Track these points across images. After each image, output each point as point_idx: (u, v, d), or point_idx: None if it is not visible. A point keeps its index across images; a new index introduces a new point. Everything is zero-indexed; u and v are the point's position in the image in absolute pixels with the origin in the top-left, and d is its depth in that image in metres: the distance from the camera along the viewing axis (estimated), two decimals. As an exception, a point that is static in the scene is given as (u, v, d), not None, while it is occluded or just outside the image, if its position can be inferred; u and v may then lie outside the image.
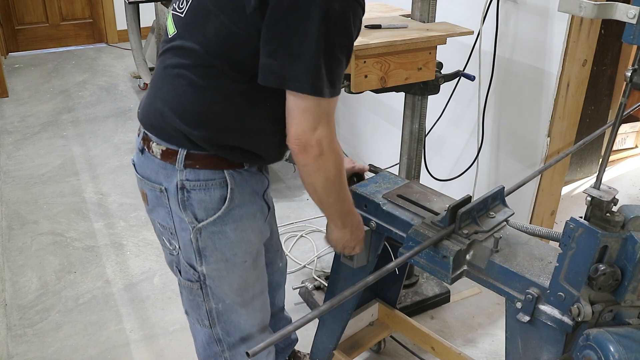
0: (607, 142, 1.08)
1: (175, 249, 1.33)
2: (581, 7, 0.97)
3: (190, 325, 1.47)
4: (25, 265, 2.56)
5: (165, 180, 1.24)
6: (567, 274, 1.09)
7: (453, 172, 2.56)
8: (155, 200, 1.29)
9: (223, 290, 1.34)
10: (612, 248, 1.04)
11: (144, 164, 1.29)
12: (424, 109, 2.08)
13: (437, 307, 2.34)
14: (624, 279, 1.04)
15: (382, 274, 1.14)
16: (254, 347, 1.26)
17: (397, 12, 2.17)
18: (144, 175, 1.30)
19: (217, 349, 1.43)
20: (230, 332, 1.40)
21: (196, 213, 1.24)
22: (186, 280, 1.36)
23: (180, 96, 1.20)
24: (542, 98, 2.14)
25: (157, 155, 1.24)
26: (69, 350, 2.12)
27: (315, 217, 2.90)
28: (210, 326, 1.39)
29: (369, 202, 1.50)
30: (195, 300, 1.37)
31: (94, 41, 5.55)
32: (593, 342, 1.01)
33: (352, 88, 1.83)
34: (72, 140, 3.72)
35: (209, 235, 1.26)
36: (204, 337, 1.43)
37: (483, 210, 1.35)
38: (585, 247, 1.05)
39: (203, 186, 1.22)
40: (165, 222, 1.30)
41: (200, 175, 1.22)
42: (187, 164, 1.21)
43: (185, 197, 1.23)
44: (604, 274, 1.03)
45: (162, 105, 1.23)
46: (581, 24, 1.99)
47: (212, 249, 1.28)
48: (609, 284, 1.04)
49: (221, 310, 1.36)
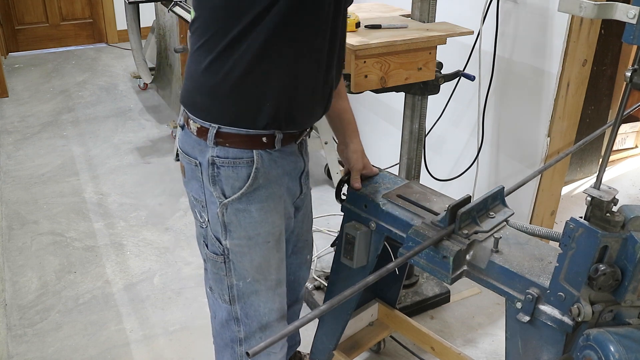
0: (607, 142, 1.07)
1: (205, 221, 1.38)
2: (581, 7, 0.96)
3: (212, 303, 1.50)
4: (25, 265, 2.56)
5: (199, 155, 1.31)
6: (567, 274, 1.09)
7: (453, 172, 2.56)
8: (190, 173, 1.35)
9: (244, 267, 1.38)
10: (612, 248, 1.03)
11: (184, 139, 1.36)
12: (424, 109, 2.08)
13: (437, 307, 2.34)
14: (624, 279, 1.03)
15: (382, 274, 1.14)
16: (270, 336, 1.30)
17: (397, 12, 2.17)
18: (184, 149, 1.36)
19: (234, 328, 1.46)
20: (250, 314, 1.43)
21: (224, 189, 1.30)
22: (212, 252, 1.40)
23: (200, 72, 1.26)
24: (542, 98, 2.14)
25: (194, 131, 1.31)
26: (69, 350, 2.12)
27: (315, 217, 2.89)
28: (230, 302, 1.43)
29: (369, 202, 1.50)
30: (219, 274, 1.41)
31: (94, 41, 5.55)
32: (593, 342, 1.01)
33: (352, 88, 1.83)
34: (72, 140, 3.72)
35: (234, 212, 1.32)
36: (224, 315, 1.46)
37: (483, 210, 1.35)
38: (585, 247, 1.05)
39: (231, 164, 1.28)
40: (197, 195, 1.36)
41: (230, 153, 1.27)
42: (218, 141, 1.27)
43: (215, 173, 1.29)
44: (604, 274, 1.03)
45: (190, 83, 1.31)
46: (581, 24, 1.99)
47: (237, 225, 1.33)
48: (609, 284, 1.04)
49: (242, 289, 1.40)
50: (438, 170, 2.53)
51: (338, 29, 1.31)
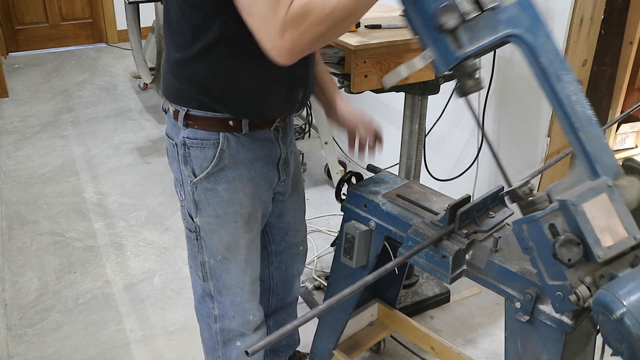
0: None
1: (183, 200, 1.44)
2: (399, 74, 1.15)
3: (192, 280, 1.57)
4: (25, 265, 2.56)
5: (175, 136, 1.37)
6: (548, 272, 1.09)
7: (453, 172, 2.56)
8: (171, 153, 1.42)
9: (214, 245, 1.43)
10: (557, 223, 1.03)
11: (167, 122, 1.42)
12: (424, 109, 2.08)
13: (437, 307, 2.34)
14: (584, 239, 1.02)
15: (381, 273, 1.14)
16: (243, 315, 1.42)
17: (397, 12, 2.17)
18: (166, 132, 1.42)
19: (209, 305, 1.52)
20: (222, 292, 1.49)
21: (194, 168, 1.35)
22: (187, 229, 1.47)
23: (173, 62, 1.30)
24: (542, 98, 2.14)
25: (171, 114, 1.37)
26: (69, 350, 2.12)
27: (315, 217, 2.90)
28: (203, 279, 1.49)
29: (368, 202, 1.50)
30: (193, 251, 1.48)
31: (94, 41, 5.56)
32: (594, 307, 1.00)
33: (352, 88, 1.83)
34: (72, 140, 3.72)
35: (203, 190, 1.37)
36: (200, 291, 1.53)
37: (483, 210, 1.35)
38: (539, 238, 1.05)
39: (199, 144, 1.33)
40: (177, 174, 1.42)
41: (198, 134, 1.32)
42: (188, 123, 1.32)
43: (187, 153, 1.35)
44: (560, 244, 1.02)
45: (164, 68, 1.36)
46: (581, 23, 1.99)
47: (205, 204, 1.38)
48: (576, 252, 1.02)
49: (213, 266, 1.45)
50: (438, 170, 2.53)
51: None
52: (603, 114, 3.19)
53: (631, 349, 0.95)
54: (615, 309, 0.95)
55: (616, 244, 1.02)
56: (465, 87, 1.18)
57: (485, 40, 1.06)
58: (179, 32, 1.25)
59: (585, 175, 1.07)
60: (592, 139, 1.06)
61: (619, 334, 0.95)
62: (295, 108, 1.41)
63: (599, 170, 1.06)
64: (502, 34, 1.06)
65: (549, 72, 1.06)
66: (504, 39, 1.06)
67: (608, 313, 0.96)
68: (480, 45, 1.06)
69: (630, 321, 0.94)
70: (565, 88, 1.06)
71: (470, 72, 1.15)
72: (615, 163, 1.09)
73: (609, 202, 1.03)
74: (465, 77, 1.16)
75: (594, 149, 1.06)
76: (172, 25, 1.27)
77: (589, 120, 1.06)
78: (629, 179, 1.10)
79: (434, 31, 1.09)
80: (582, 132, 1.06)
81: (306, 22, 1.03)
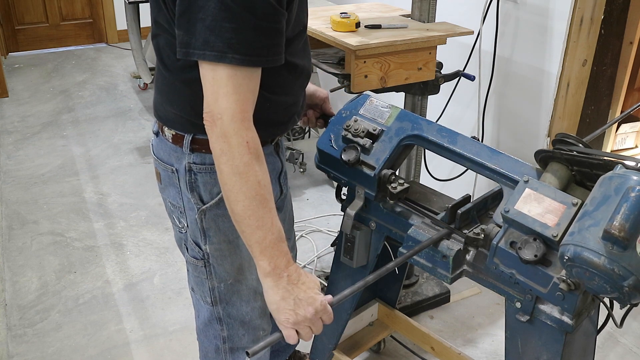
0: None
1: (184, 227, 1.38)
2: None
3: (195, 302, 1.51)
4: (25, 265, 2.56)
5: (176, 161, 1.30)
6: (537, 282, 1.13)
7: (453, 172, 2.55)
8: (167, 180, 1.35)
9: (225, 270, 1.38)
10: (514, 237, 1.14)
11: (159, 146, 1.34)
12: (424, 109, 2.08)
13: (437, 307, 2.34)
14: (535, 232, 1.10)
15: (381, 273, 1.14)
16: (252, 332, 1.36)
17: (397, 12, 2.17)
18: (159, 156, 1.35)
19: (217, 327, 1.47)
20: (232, 314, 1.44)
21: (202, 195, 1.29)
22: (192, 257, 1.40)
23: (164, 86, 1.26)
24: (542, 98, 2.14)
25: (169, 139, 1.29)
26: (69, 350, 2.12)
27: (315, 217, 2.90)
28: (212, 304, 1.43)
29: (368, 201, 1.50)
30: (200, 277, 1.41)
31: (94, 41, 5.55)
32: (566, 267, 1.01)
33: (352, 88, 1.84)
34: (72, 140, 3.72)
35: (212, 217, 1.31)
36: (207, 315, 1.47)
37: (483, 210, 1.35)
38: (509, 259, 1.15)
39: (208, 170, 1.26)
40: (175, 201, 1.36)
41: (206, 159, 1.26)
42: (194, 147, 1.26)
43: (193, 179, 1.28)
44: (520, 248, 1.10)
45: (158, 96, 1.30)
46: (581, 23, 1.99)
47: (216, 230, 1.32)
48: (537, 246, 1.09)
49: (223, 291, 1.41)
50: (438, 170, 2.53)
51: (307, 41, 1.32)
52: (603, 114, 3.19)
53: (602, 277, 0.94)
54: (565, 251, 0.98)
55: (561, 218, 1.08)
56: (395, 190, 1.36)
57: (386, 154, 1.37)
58: (170, 61, 1.19)
59: (511, 192, 1.18)
60: (501, 163, 1.25)
61: (586, 272, 0.96)
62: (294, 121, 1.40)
63: (516, 178, 1.19)
64: (396, 141, 1.37)
65: (442, 143, 1.32)
66: (400, 144, 1.37)
67: (568, 260, 0.98)
68: (384, 157, 1.37)
69: (578, 252, 0.95)
70: (460, 143, 1.30)
71: (390, 179, 1.36)
72: (528, 167, 1.23)
73: (534, 192, 1.13)
74: (389, 183, 1.36)
75: (505, 168, 1.23)
76: (161, 50, 1.22)
77: (489, 153, 1.28)
78: (551, 167, 1.17)
79: (347, 169, 1.40)
80: (490, 163, 1.25)
81: (239, 159, 1.07)
